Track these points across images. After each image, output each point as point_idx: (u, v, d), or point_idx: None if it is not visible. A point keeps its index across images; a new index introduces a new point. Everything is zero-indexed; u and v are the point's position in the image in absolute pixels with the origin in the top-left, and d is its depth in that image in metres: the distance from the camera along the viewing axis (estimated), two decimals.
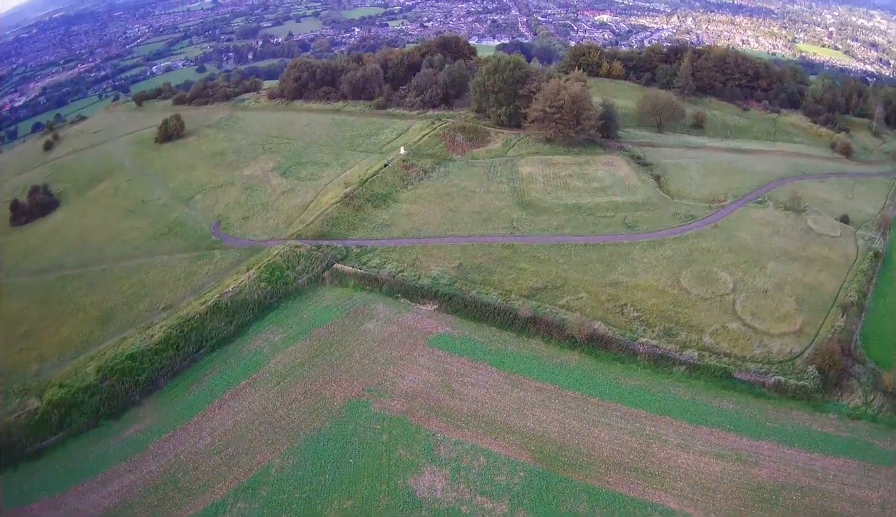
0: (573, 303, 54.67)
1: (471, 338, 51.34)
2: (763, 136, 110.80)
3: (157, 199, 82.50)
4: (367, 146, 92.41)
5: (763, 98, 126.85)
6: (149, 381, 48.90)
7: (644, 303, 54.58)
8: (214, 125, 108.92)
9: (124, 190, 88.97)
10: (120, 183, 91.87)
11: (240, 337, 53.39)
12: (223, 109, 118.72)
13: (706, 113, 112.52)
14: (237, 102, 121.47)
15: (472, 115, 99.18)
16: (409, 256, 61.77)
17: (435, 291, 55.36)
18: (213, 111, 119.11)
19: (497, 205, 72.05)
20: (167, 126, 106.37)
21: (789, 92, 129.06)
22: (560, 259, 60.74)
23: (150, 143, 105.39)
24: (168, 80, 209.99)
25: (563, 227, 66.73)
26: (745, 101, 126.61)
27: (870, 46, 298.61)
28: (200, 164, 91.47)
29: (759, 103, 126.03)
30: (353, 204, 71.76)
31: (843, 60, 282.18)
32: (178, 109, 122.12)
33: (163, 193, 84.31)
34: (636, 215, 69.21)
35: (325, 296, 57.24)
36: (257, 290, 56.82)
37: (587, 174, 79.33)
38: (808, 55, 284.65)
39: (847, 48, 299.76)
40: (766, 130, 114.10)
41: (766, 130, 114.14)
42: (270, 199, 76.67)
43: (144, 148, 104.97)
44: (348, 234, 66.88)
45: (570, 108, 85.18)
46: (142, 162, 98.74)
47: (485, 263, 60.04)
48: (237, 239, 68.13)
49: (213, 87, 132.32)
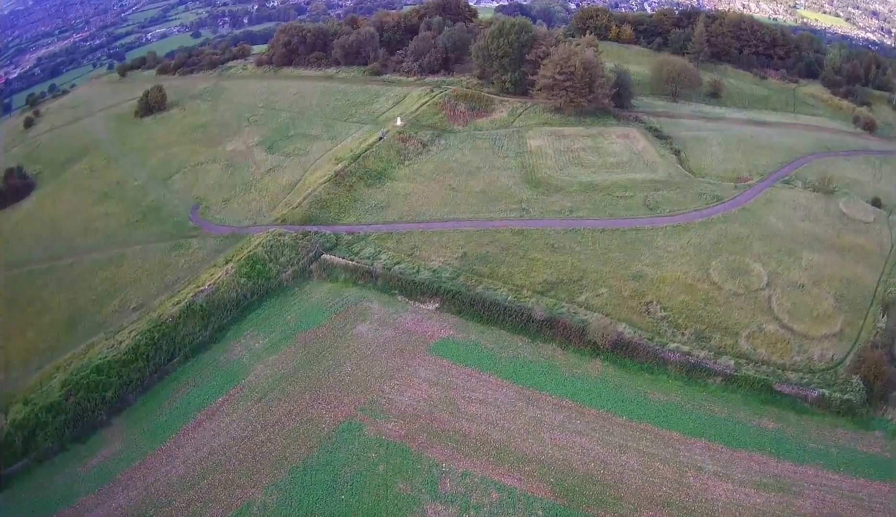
0: (593, 300, 46.12)
1: (478, 343, 43.04)
2: (782, 107, 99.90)
3: (133, 180, 72.87)
4: (360, 116, 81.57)
5: (780, 67, 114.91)
6: (117, 398, 41.46)
7: (672, 299, 46.10)
8: (198, 96, 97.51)
9: (100, 170, 79.19)
10: (96, 162, 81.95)
11: (216, 343, 45.14)
12: (209, 78, 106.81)
13: (723, 81, 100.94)
14: (224, 71, 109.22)
15: (475, 81, 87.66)
16: (406, 244, 52.77)
17: (436, 287, 46.64)
18: (198, 80, 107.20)
19: (504, 183, 62.41)
20: (148, 98, 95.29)
21: (807, 61, 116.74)
22: (576, 247, 51.75)
23: (130, 118, 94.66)
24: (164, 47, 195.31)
25: (578, 208, 57.34)
26: (762, 69, 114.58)
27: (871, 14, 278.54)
28: (181, 139, 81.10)
29: (776, 72, 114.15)
30: (344, 183, 62.18)
31: (844, 28, 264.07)
32: (161, 79, 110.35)
33: (140, 173, 74.48)
34: (658, 196, 59.58)
35: (313, 292, 48.62)
36: (236, 288, 48.12)
37: (601, 148, 69.13)
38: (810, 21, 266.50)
39: (848, 15, 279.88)
40: (785, 101, 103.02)
41: (786, 101, 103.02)
42: (254, 177, 67.06)
43: (124, 123, 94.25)
44: (339, 219, 57.63)
45: (581, 75, 74.06)
46: (120, 138, 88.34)
47: (492, 252, 51.13)
48: (216, 225, 59.01)
49: (198, 55, 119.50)
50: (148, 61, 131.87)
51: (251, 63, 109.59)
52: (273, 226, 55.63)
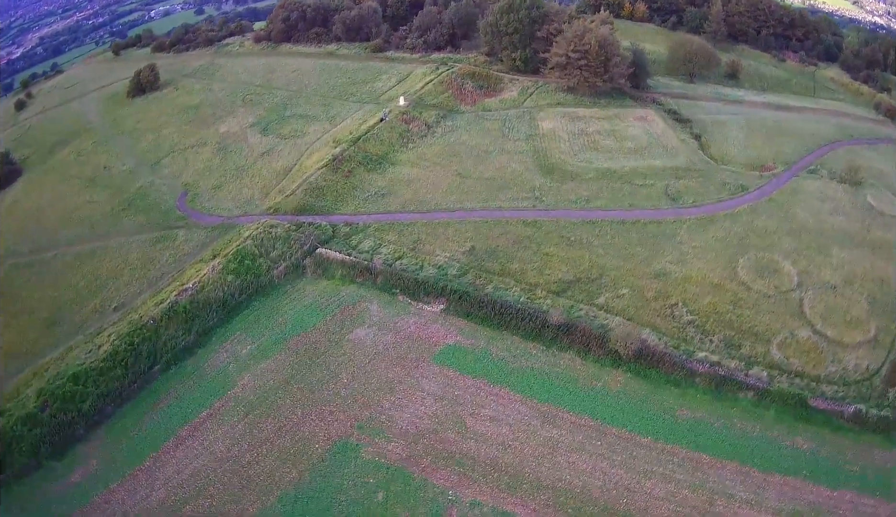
0: (613, 302, 40.82)
1: (487, 351, 37.96)
2: (802, 91, 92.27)
3: (120, 165, 67.06)
4: (361, 95, 74.83)
5: (799, 49, 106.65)
6: (94, 410, 36.90)
7: (698, 301, 40.80)
8: (193, 74, 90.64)
9: (88, 154, 73.28)
10: (85, 146, 75.94)
11: (201, 348, 40.25)
12: (205, 56, 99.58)
13: (741, 62, 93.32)
14: (220, 48, 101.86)
15: (483, 59, 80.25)
16: (409, 237, 47.32)
17: (442, 286, 41.35)
18: (193, 58, 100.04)
19: (515, 168, 56.33)
20: (140, 78, 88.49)
21: (826, 44, 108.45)
22: (594, 241, 46.18)
23: (122, 98, 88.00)
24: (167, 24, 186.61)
25: (595, 198, 51.45)
26: (781, 51, 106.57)
27: None
28: (172, 120, 74.85)
29: (795, 54, 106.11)
30: (342, 168, 56.27)
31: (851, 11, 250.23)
32: (156, 58, 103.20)
33: (128, 157, 68.64)
34: (679, 184, 53.42)
35: (306, 291, 43.44)
36: (222, 286, 43.03)
37: (618, 131, 62.62)
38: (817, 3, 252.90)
39: None
40: (804, 85, 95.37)
41: (805, 85, 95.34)
42: (247, 162, 61.04)
43: (115, 103, 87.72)
44: (336, 208, 51.91)
45: (597, 54, 66.96)
46: (111, 120, 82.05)
47: (503, 246, 45.64)
48: (205, 214, 53.47)
49: (195, 32, 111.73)
50: (143, 39, 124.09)
51: (249, 40, 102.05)
52: (265, 216, 50.21)
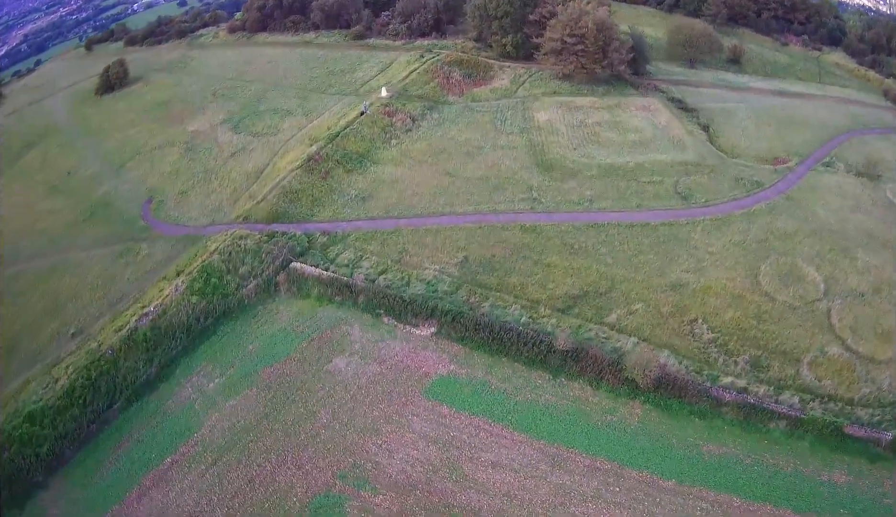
0: (626, 320, 35.48)
1: (486, 382, 32.53)
2: (807, 77, 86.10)
3: (84, 170, 60.14)
4: (340, 87, 67.89)
5: (801, 32, 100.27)
6: (52, 454, 31.72)
7: (720, 316, 35.63)
8: (164, 68, 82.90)
9: (53, 158, 66.24)
10: (50, 149, 68.81)
11: (163, 382, 34.52)
12: (177, 49, 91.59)
13: (744, 47, 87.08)
14: (193, 39, 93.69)
15: (471, 45, 73.28)
16: (393, 246, 41.40)
17: (432, 306, 35.62)
18: (165, 51, 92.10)
19: (509, 166, 50.17)
20: (109, 74, 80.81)
21: (829, 28, 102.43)
22: (601, 247, 40.67)
23: (91, 96, 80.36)
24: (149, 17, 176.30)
25: (600, 197, 45.67)
26: (783, 35, 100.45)
27: None
28: (140, 118, 67.60)
29: (797, 38, 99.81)
30: (318, 169, 49.79)
31: None
32: (128, 52, 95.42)
33: (93, 161, 61.67)
34: (690, 181, 47.68)
35: (279, 312, 37.52)
36: (186, 309, 37.07)
37: (620, 122, 56.48)
38: None
39: None
40: (809, 70, 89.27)
41: (810, 70, 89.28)
42: (216, 164, 54.31)
43: (83, 102, 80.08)
44: (311, 214, 45.64)
45: (594, 38, 60.55)
46: (78, 120, 74.64)
47: (499, 256, 39.95)
48: (170, 224, 47.19)
49: (167, 24, 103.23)
50: (117, 33, 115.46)
51: (223, 30, 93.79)
52: (234, 225, 44.02)
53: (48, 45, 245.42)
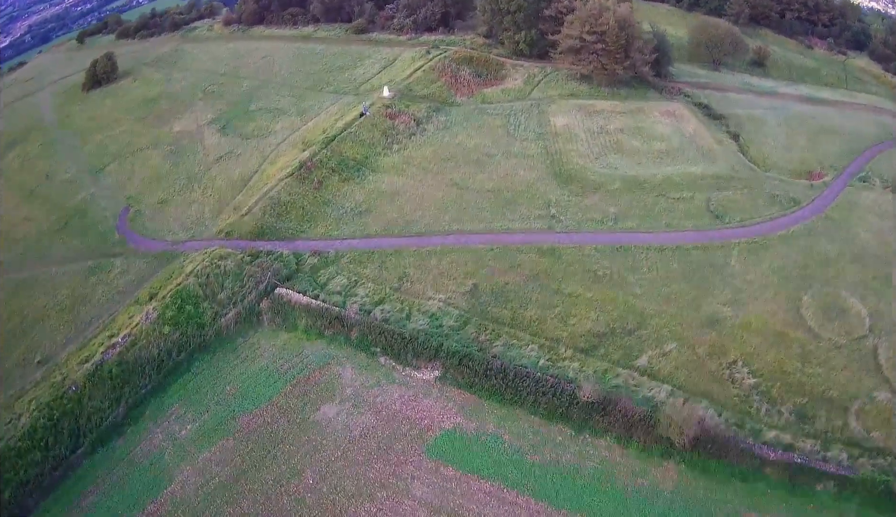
0: (658, 363, 30.64)
1: (498, 438, 27.74)
2: (834, 82, 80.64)
3: (63, 173, 55.37)
4: (338, 85, 62.76)
5: (826, 35, 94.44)
6: (14, 502, 27.70)
7: (761, 357, 30.87)
8: (154, 63, 77.89)
9: (33, 159, 61.43)
10: (32, 149, 63.94)
11: (132, 425, 30.05)
12: (170, 42, 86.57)
13: (769, 49, 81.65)
14: (187, 32, 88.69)
15: (481, 41, 67.94)
16: (393, 271, 36.45)
17: (436, 345, 30.69)
18: (158, 44, 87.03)
19: (524, 177, 44.99)
20: (96, 69, 75.95)
21: (854, 31, 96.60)
22: (628, 275, 35.65)
23: (78, 92, 75.42)
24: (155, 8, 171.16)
25: (625, 216, 40.57)
26: (807, 37, 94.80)
27: None
28: (125, 117, 62.80)
29: (822, 42, 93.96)
30: (311, 178, 44.84)
31: None
32: (120, 45, 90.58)
33: (72, 163, 56.89)
34: (722, 197, 42.58)
35: (261, 347, 32.75)
36: (158, 341, 32.43)
37: (644, 128, 51.16)
38: None
39: None
40: (835, 75, 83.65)
41: (836, 75, 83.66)
42: (199, 169, 49.51)
43: (70, 98, 75.18)
44: (301, 231, 40.74)
45: (616, 37, 55.24)
46: (63, 117, 69.84)
47: (513, 285, 34.98)
48: (146, 238, 42.51)
49: (161, 16, 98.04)
50: (110, 25, 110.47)
51: (218, 23, 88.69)
52: (214, 241, 39.17)
53: (52, 36, 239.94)
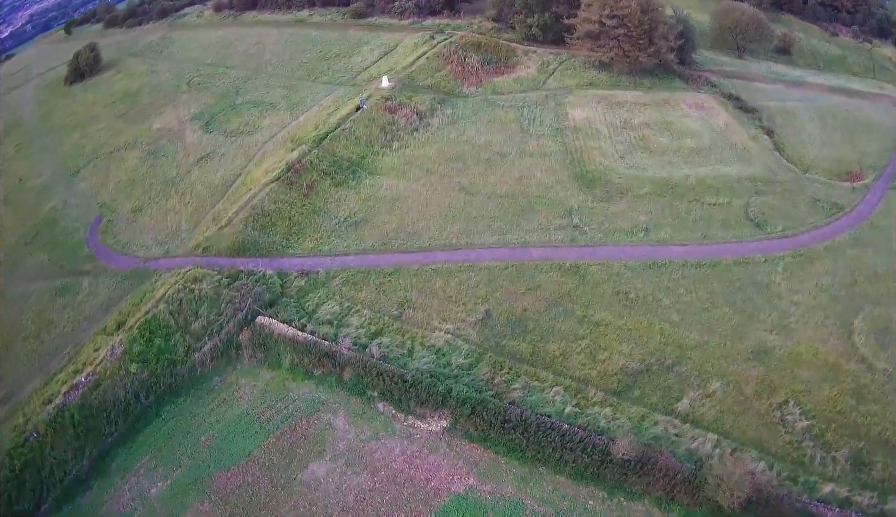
0: (701, 405, 25.80)
1: (519, 503, 22.95)
2: (861, 72, 74.08)
3: (36, 177, 50.58)
4: (333, 74, 57.15)
5: (850, 22, 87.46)
6: None
7: (813, 394, 26.39)
8: (140, 52, 72.37)
9: (8, 161, 56.66)
10: (8, 150, 59.16)
11: (98, 480, 25.65)
12: (157, 30, 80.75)
13: (794, 36, 75.08)
14: (176, 19, 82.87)
15: (490, 25, 61.87)
16: (392, 295, 31.40)
17: (445, 391, 25.69)
18: (145, 33, 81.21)
19: (542, 179, 39.60)
20: (79, 61, 70.61)
21: (878, 18, 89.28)
22: (663, 296, 30.58)
23: (60, 86, 70.17)
24: None
25: (657, 225, 35.21)
26: (831, 23, 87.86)
27: None
28: (105, 113, 57.67)
29: (847, 28, 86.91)
30: (299, 182, 39.59)
31: None
32: (107, 35, 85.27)
33: (48, 164, 52.08)
34: (761, 202, 37.35)
35: (240, 388, 27.99)
36: (124, 381, 27.82)
37: (672, 123, 45.49)
38: None
39: None
40: (862, 64, 76.94)
41: (863, 64, 76.97)
42: (178, 172, 44.43)
43: (52, 92, 69.93)
44: (287, 246, 35.53)
45: (639, 21, 49.27)
46: (42, 114, 64.80)
47: (533, 311, 29.98)
48: (117, 253, 37.64)
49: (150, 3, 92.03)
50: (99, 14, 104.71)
51: (209, 9, 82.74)
52: (190, 258, 34.28)
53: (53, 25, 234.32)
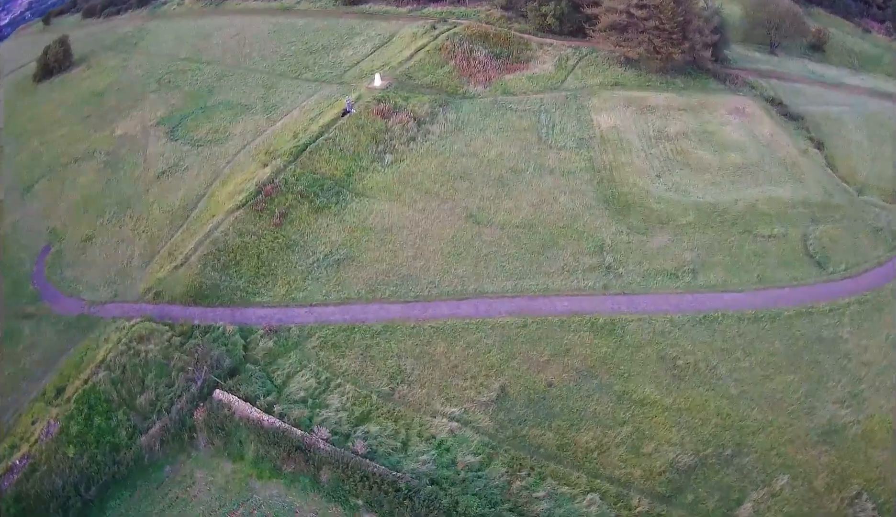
0: (767, 508, 19.84)
1: None
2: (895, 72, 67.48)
3: None
4: (319, 70, 49.75)
5: (881, 18, 79.40)
6: None
7: (887, 481, 20.80)
8: (114, 45, 65.11)
9: None
10: None
11: None
12: (136, 19, 73.35)
13: (828, 31, 67.57)
14: (155, 8, 75.11)
15: (499, 14, 54.18)
16: (382, 364, 24.98)
17: (448, 507, 19.58)
18: (123, 23, 73.74)
19: (566, 205, 32.70)
20: (48, 56, 63.66)
21: None
22: (718, 362, 24.26)
23: (30, 83, 63.05)
24: None
25: (705, 265, 28.74)
26: (862, 18, 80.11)
27: None
28: (68, 115, 50.89)
29: (880, 25, 79.15)
30: (270, 209, 32.42)
31: None
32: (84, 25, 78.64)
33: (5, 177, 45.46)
34: (821, 233, 30.82)
35: (196, 485, 22.04)
36: (61, 468, 22.09)
37: (712, 132, 38.45)
38: None
39: None
40: None
41: None
42: (137, 189, 37.82)
43: (21, 91, 62.83)
44: (253, 292, 28.69)
45: (672, 13, 42.06)
46: (7, 116, 57.91)
47: (560, 386, 23.72)
48: (63, 294, 31.31)
49: None
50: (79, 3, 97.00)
51: None
52: (140, 305, 28.24)
53: None
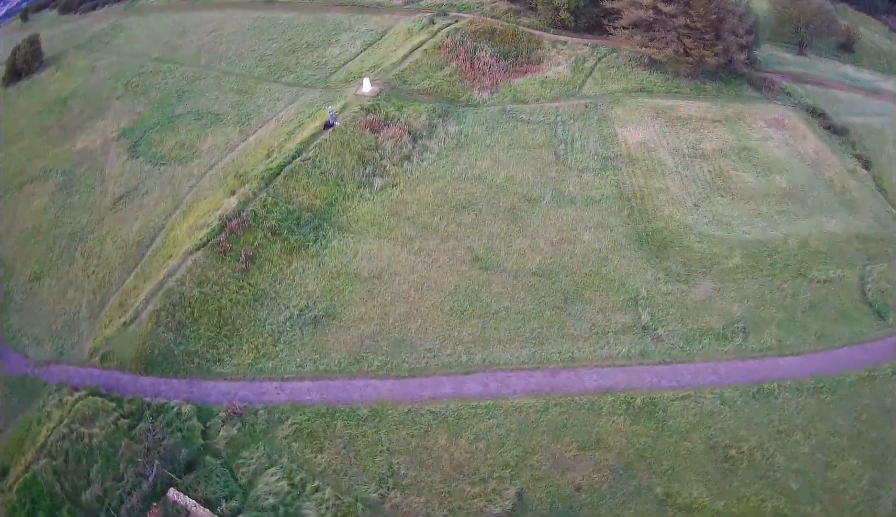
0: None
1: None
2: None
3: None
4: (302, 72, 43.53)
5: None
6: None
7: None
8: (86, 44, 58.94)
9: None
10: None
11: None
12: (111, 15, 66.88)
13: (858, 30, 61.92)
14: (132, 3, 68.82)
15: (506, 6, 47.91)
16: (369, 459, 19.66)
17: None
18: (98, 19, 67.33)
19: (590, 244, 27.16)
20: (16, 57, 57.45)
21: None
22: (776, 449, 19.12)
23: None
24: None
25: (758, 321, 23.31)
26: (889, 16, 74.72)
27: None
28: (30, 125, 44.95)
29: None
30: (234, 251, 26.73)
31: None
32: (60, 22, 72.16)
33: None
34: (878, 275, 25.54)
35: None
36: None
37: (753, 150, 32.85)
38: None
39: None
40: None
41: None
42: (91, 218, 32.22)
43: None
44: (215, 358, 23.36)
45: (704, 9, 36.05)
46: None
47: (590, 490, 18.53)
48: (6, 348, 25.99)
49: None
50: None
51: None
52: (86, 371, 22.98)
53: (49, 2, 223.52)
